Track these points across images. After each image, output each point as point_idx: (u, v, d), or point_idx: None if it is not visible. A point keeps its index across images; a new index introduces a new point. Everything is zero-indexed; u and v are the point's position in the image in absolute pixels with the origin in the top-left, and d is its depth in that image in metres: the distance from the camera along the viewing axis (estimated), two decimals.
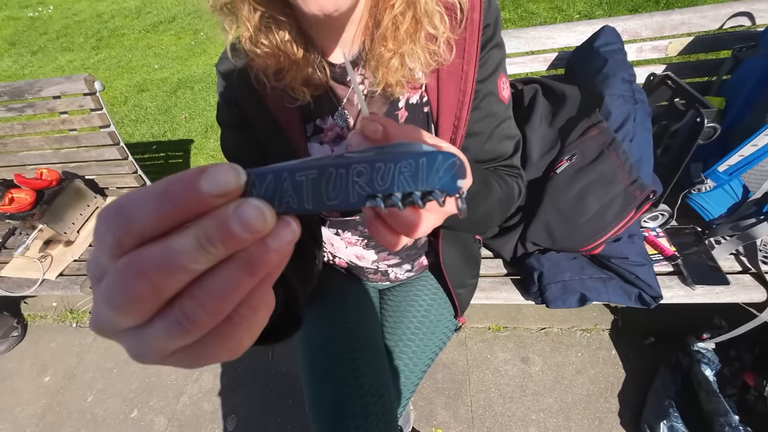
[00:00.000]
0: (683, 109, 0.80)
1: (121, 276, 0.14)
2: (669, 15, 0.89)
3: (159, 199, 0.14)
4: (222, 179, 0.14)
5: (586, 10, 2.65)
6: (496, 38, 0.48)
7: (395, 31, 0.41)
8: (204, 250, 0.14)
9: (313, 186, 0.16)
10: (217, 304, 0.14)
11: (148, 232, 0.14)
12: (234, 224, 0.14)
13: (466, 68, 0.45)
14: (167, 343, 0.15)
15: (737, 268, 0.86)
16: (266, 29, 0.42)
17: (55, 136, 1.30)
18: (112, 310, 0.14)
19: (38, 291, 1.15)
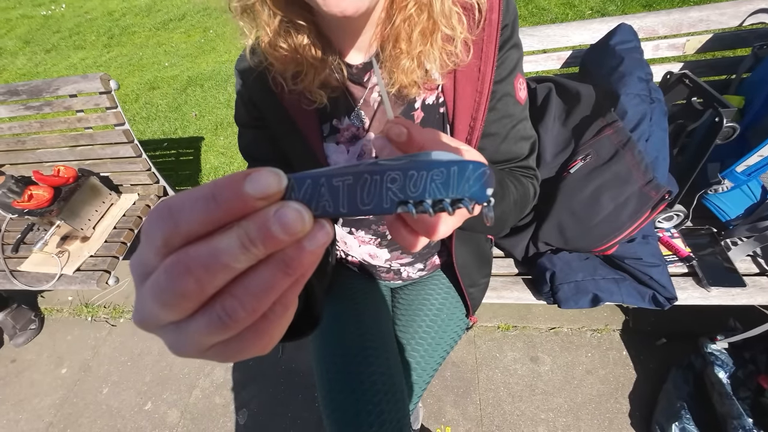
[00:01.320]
0: (701, 108, 0.78)
1: (169, 273, 0.14)
2: (687, 12, 0.87)
3: (206, 200, 0.14)
4: (264, 183, 0.15)
5: (598, 6, 2.60)
6: (514, 38, 0.47)
7: (409, 32, 0.41)
8: (246, 250, 0.14)
9: (349, 191, 0.16)
10: (256, 302, 0.15)
11: (194, 233, 0.15)
12: (274, 226, 0.14)
13: (483, 69, 0.45)
14: (207, 338, 0.15)
15: (754, 269, 0.84)
16: (285, 33, 0.42)
17: (71, 134, 1.33)
18: (159, 305, 0.15)
19: (56, 285, 1.18)
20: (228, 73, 2.95)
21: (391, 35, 0.42)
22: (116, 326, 1.54)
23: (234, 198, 0.14)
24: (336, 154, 0.54)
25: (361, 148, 0.53)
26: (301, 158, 0.54)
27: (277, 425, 1.18)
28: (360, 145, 0.53)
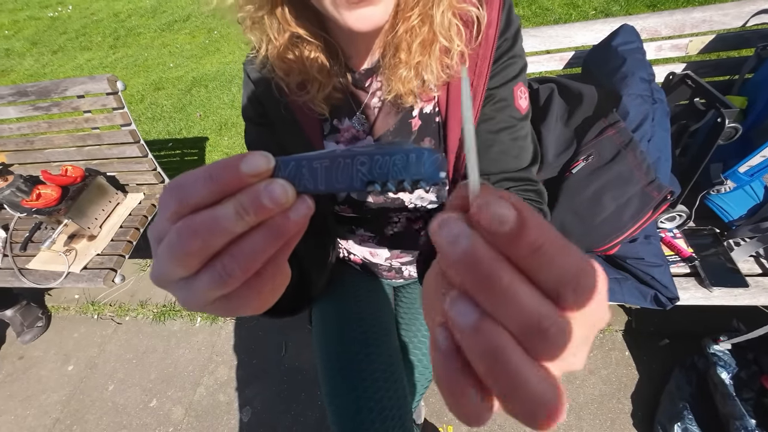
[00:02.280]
0: (703, 109, 0.79)
1: (179, 234, 0.17)
2: (690, 13, 0.87)
3: (209, 177, 0.17)
4: (256, 163, 0.18)
5: (602, 6, 2.60)
6: (514, 50, 0.47)
7: (410, 42, 0.42)
8: (240, 217, 0.17)
9: (326, 172, 0.19)
10: (249, 261, 0.18)
11: (200, 204, 0.18)
12: (264, 198, 0.17)
13: (476, 83, 0.46)
14: (210, 293, 0.18)
15: (757, 270, 0.84)
16: (293, 46, 0.44)
17: (78, 134, 1.35)
18: (171, 262, 0.18)
19: (63, 283, 1.19)
20: (232, 74, 2.97)
21: (392, 44, 0.43)
22: (122, 324, 1.55)
23: (232, 175, 0.17)
24: None
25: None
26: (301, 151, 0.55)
27: (281, 423, 1.19)
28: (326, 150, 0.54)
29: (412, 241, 0.65)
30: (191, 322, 1.50)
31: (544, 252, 0.13)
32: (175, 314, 1.53)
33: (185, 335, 1.47)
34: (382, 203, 0.58)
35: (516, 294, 0.13)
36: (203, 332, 1.46)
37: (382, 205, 0.58)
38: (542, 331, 0.13)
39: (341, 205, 0.60)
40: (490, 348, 0.13)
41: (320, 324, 0.69)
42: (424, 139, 0.52)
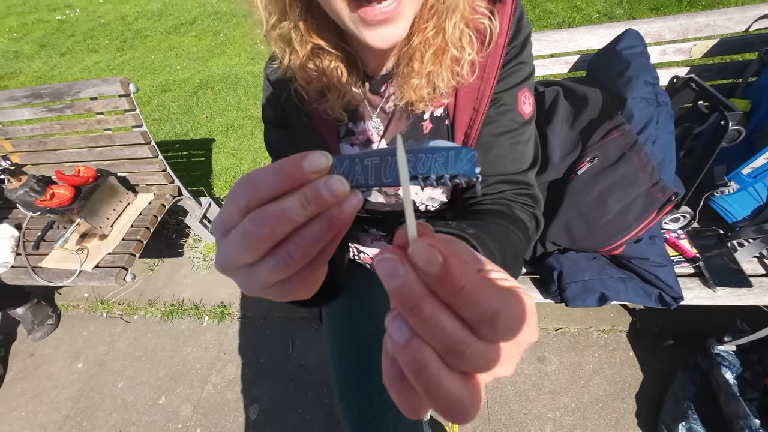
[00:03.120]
0: (707, 112, 0.80)
1: (252, 223, 0.20)
2: (693, 17, 0.89)
3: (276, 173, 0.20)
4: (317, 161, 0.20)
5: (605, 9, 2.62)
6: (522, 57, 0.49)
7: (423, 52, 0.44)
8: (304, 208, 0.19)
9: (375, 169, 0.21)
10: (309, 247, 0.20)
11: (267, 197, 0.20)
12: (324, 191, 0.19)
13: (482, 89, 0.48)
14: (271, 277, 0.21)
15: (761, 270, 0.85)
16: (314, 56, 0.46)
17: (90, 135, 1.37)
18: (242, 248, 0.20)
19: (75, 281, 1.22)
20: (238, 76, 3.00)
21: (406, 54, 0.45)
22: (130, 322, 1.57)
23: (296, 172, 0.20)
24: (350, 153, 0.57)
25: None
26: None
27: (288, 421, 1.21)
28: (374, 147, 0.56)
29: None
30: (199, 320, 1.52)
31: (466, 293, 0.16)
32: (182, 313, 1.55)
33: (193, 334, 1.49)
34: (394, 204, 0.59)
35: (437, 323, 0.16)
36: (211, 331, 1.48)
37: (394, 206, 0.60)
38: (458, 352, 0.16)
39: None
40: (414, 360, 0.17)
41: (331, 321, 0.70)
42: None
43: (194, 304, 1.57)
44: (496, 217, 0.48)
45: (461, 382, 0.17)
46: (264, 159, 2.20)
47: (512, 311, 0.17)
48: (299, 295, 0.24)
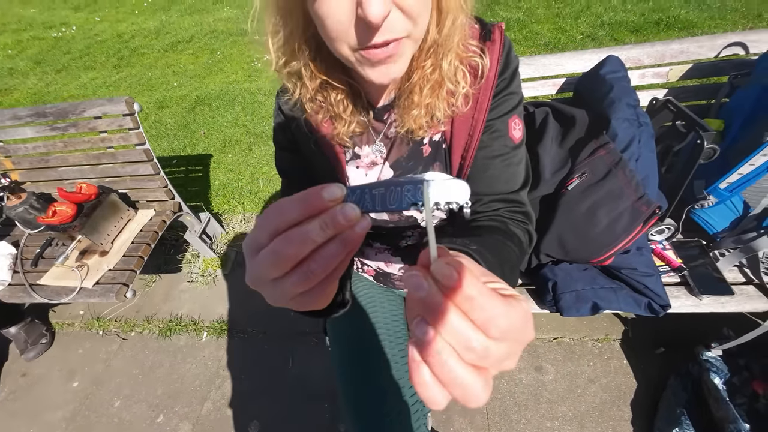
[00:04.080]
0: (684, 131, 0.86)
1: (280, 244, 0.24)
2: (669, 44, 0.96)
3: (300, 202, 0.24)
4: (334, 192, 0.24)
5: (588, 30, 2.76)
6: (512, 87, 0.54)
7: (422, 86, 0.49)
8: (323, 231, 0.23)
9: (381, 197, 0.26)
10: (327, 264, 0.24)
11: (293, 222, 0.24)
12: (339, 216, 0.24)
13: (476, 117, 0.52)
14: (294, 289, 0.25)
15: (741, 279, 0.90)
16: (323, 89, 0.51)
17: (94, 153, 1.40)
18: (271, 266, 0.24)
19: (75, 298, 1.22)
20: (235, 93, 3.06)
21: (407, 88, 0.50)
22: (127, 340, 1.56)
23: (317, 201, 0.24)
24: (356, 176, 0.61)
25: (378, 173, 0.60)
26: (326, 179, 0.61)
27: None
28: (377, 170, 0.61)
29: None
30: (197, 336, 1.52)
31: (475, 301, 0.20)
32: (181, 329, 1.55)
33: (191, 350, 1.48)
34: (398, 221, 0.63)
35: (453, 325, 0.20)
36: (210, 347, 1.48)
37: (397, 222, 0.63)
38: (471, 348, 0.20)
39: None
40: (436, 355, 0.21)
41: (337, 333, 0.73)
42: (433, 164, 0.58)
43: (192, 320, 1.57)
44: (493, 232, 0.52)
45: (475, 373, 0.21)
46: (261, 174, 2.23)
47: (513, 315, 0.21)
48: (317, 305, 0.28)
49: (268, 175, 2.20)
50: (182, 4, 5.35)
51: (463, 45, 0.48)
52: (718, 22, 2.54)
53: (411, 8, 0.36)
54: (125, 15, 5.48)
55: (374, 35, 0.36)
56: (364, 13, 0.34)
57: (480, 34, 0.51)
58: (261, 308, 1.56)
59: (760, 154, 0.81)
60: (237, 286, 1.67)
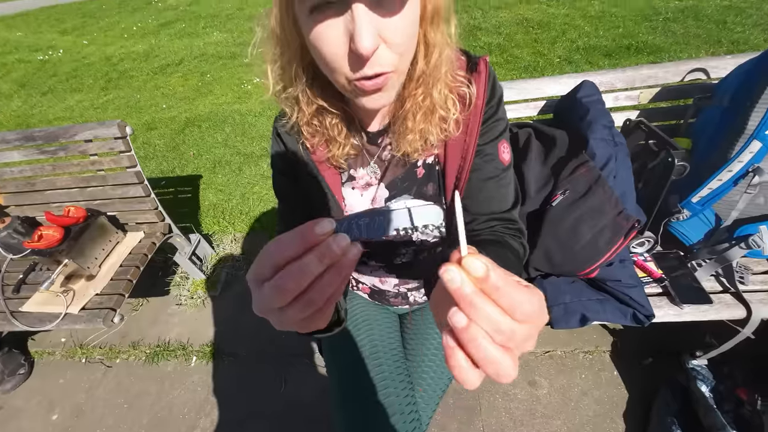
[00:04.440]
0: (657, 150, 0.92)
1: (282, 279, 0.26)
2: (638, 70, 1.04)
3: (297, 237, 0.27)
4: (325, 226, 0.27)
5: (565, 54, 2.91)
6: (499, 114, 0.58)
7: (415, 113, 0.52)
8: (320, 262, 0.26)
9: (366, 226, 0.32)
10: (325, 291, 0.27)
11: (292, 256, 0.27)
12: (333, 246, 0.27)
13: (468, 141, 0.56)
14: (298, 315, 0.28)
15: (718, 288, 0.95)
16: (318, 114, 0.54)
17: (83, 176, 1.39)
18: (276, 297, 0.26)
19: (60, 325, 1.18)
20: (225, 114, 3.09)
21: (401, 115, 0.53)
22: (112, 367, 1.51)
23: (311, 235, 0.27)
24: (352, 197, 0.63)
25: (373, 193, 0.63)
26: (323, 200, 0.63)
27: None
28: (372, 191, 0.63)
29: (417, 269, 0.72)
30: (186, 361, 1.48)
31: (501, 290, 0.23)
32: (168, 355, 1.50)
33: (180, 376, 1.44)
34: (393, 238, 0.65)
35: (485, 311, 0.23)
36: (199, 372, 1.44)
37: (392, 240, 0.65)
38: (501, 331, 0.23)
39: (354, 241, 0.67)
40: (472, 338, 0.24)
41: (334, 350, 0.73)
42: (427, 184, 0.61)
43: (181, 345, 1.53)
44: (493, 245, 0.56)
45: (504, 353, 0.24)
46: (252, 194, 2.23)
47: (534, 300, 0.24)
48: (319, 326, 0.31)
49: (258, 194, 2.21)
50: (172, 28, 5.44)
51: (452, 75, 0.52)
52: (682, 46, 2.72)
53: (397, 44, 0.40)
54: (114, 39, 5.52)
55: (365, 66, 0.40)
56: (355, 47, 0.37)
57: (467, 66, 0.55)
58: (252, 330, 1.53)
59: (726, 170, 0.87)
60: (227, 307, 1.65)
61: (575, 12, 3.51)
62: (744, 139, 0.85)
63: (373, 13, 0.37)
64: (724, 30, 2.80)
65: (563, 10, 3.60)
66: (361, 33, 0.36)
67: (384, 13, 0.37)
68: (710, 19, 2.95)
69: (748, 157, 0.85)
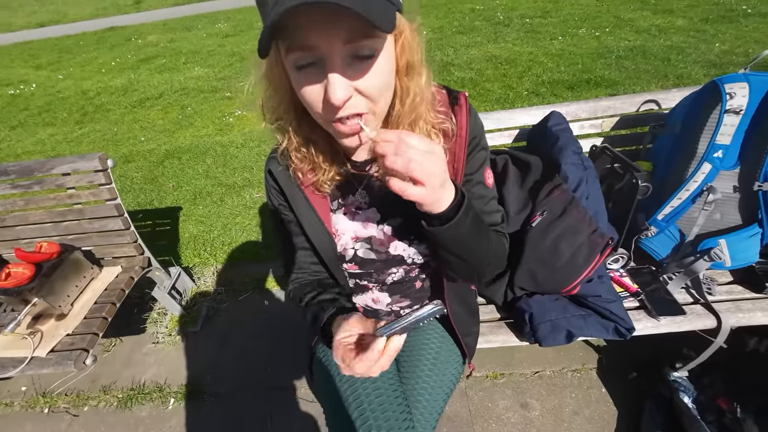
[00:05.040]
0: (622, 172, 1.00)
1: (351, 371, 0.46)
2: (599, 102, 1.15)
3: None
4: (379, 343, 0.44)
5: (533, 87, 3.14)
6: (482, 144, 0.64)
7: None
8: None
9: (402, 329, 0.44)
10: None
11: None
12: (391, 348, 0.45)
13: (456, 167, 0.61)
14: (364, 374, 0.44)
15: (689, 299, 1.01)
16: (306, 143, 0.58)
17: (58, 210, 1.34)
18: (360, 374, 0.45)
19: (25, 370, 1.09)
20: (206, 146, 3.09)
21: None
22: (79, 416, 1.39)
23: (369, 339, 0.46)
24: (342, 221, 0.67)
25: (364, 216, 0.66)
26: (315, 228, 0.65)
27: None
28: (362, 215, 0.66)
29: (409, 286, 0.74)
30: (163, 405, 1.38)
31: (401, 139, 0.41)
32: (143, 398, 1.40)
33: (156, 421, 1.34)
34: (384, 258, 0.67)
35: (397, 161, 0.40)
36: (177, 415, 1.35)
37: (384, 260, 0.67)
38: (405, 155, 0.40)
39: (349, 263, 0.68)
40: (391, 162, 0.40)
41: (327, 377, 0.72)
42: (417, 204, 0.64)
43: (158, 386, 1.44)
44: None
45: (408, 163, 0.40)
46: (234, 225, 2.20)
47: (422, 142, 0.41)
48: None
49: (241, 224, 2.18)
50: (152, 63, 5.49)
51: (433, 113, 0.57)
52: (635, 80, 3.00)
53: (370, 93, 0.45)
54: (91, 73, 5.50)
55: (338, 112, 0.45)
56: (328, 98, 0.43)
57: (448, 100, 0.60)
58: (233, 366, 1.46)
59: (684, 189, 0.96)
60: (208, 344, 1.57)
61: (538, 50, 3.82)
62: (696, 161, 0.94)
63: (346, 71, 0.43)
64: (669, 66, 3.12)
65: (527, 48, 3.92)
66: (333, 89, 0.42)
67: (354, 72, 0.43)
68: (656, 56, 3.29)
69: (702, 177, 0.94)
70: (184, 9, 9.21)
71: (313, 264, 0.72)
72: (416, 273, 0.72)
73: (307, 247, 0.70)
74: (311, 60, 0.42)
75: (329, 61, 0.42)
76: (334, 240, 0.66)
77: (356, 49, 0.42)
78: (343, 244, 0.68)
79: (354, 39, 0.41)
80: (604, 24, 4.17)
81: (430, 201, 0.44)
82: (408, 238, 0.66)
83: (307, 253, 0.71)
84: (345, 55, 0.42)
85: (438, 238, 0.51)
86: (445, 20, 5.16)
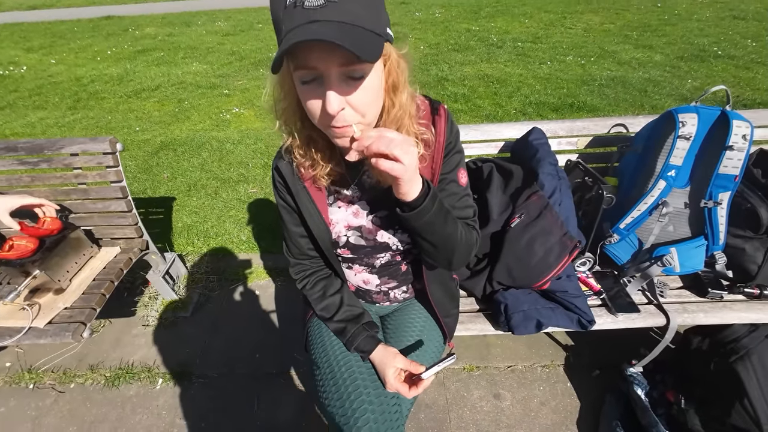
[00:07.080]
0: (591, 185, 1.14)
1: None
2: (575, 122, 1.29)
3: None
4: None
5: (520, 107, 3.33)
6: (457, 147, 0.74)
7: None
8: None
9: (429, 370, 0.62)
10: None
11: None
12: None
13: (434, 168, 0.71)
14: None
15: (644, 300, 1.14)
16: (308, 140, 0.67)
17: (62, 189, 1.38)
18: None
19: (21, 340, 1.13)
20: (203, 140, 3.13)
21: None
22: (65, 392, 1.41)
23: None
24: (337, 212, 0.77)
25: (356, 209, 0.76)
26: (314, 218, 0.74)
27: None
28: (356, 206, 0.76)
29: (396, 269, 0.84)
30: (151, 384, 1.42)
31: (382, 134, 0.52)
32: (131, 377, 1.44)
33: (143, 399, 1.37)
34: (373, 245, 0.77)
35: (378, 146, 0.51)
36: (165, 395, 1.38)
37: (372, 246, 0.77)
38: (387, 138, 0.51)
39: (342, 248, 0.78)
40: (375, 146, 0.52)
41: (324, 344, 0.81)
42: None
43: (146, 367, 1.47)
44: None
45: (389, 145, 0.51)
46: (228, 218, 2.25)
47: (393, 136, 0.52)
48: None
49: (235, 217, 2.24)
50: (149, 55, 5.49)
51: (416, 124, 0.67)
52: (614, 107, 3.23)
53: (359, 107, 0.55)
54: (85, 60, 5.46)
55: (333, 120, 0.55)
56: (324, 109, 0.53)
57: (430, 109, 0.71)
58: (224, 351, 1.52)
59: (642, 202, 1.09)
60: (198, 329, 1.62)
61: (528, 72, 4.05)
62: (653, 178, 1.08)
63: (341, 88, 0.52)
64: (646, 97, 3.37)
65: (518, 69, 4.14)
66: (329, 102, 0.51)
67: (348, 89, 0.53)
68: (635, 87, 3.55)
69: (658, 192, 1.08)
70: (182, 4, 9.23)
71: (310, 250, 0.81)
72: (400, 258, 0.82)
73: (306, 235, 0.79)
74: (313, 77, 0.51)
75: (327, 79, 0.51)
76: (329, 228, 0.76)
77: (349, 71, 0.51)
78: (338, 232, 0.77)
79: (347, 63, 0.50)
80: (590, 53, 4.46)
81: (408, 177, 0.53)
82: (393, 227, 0.75)
83: (306, 241, 0.80)
84: (340, 75, 0.51)
85: (410, 224, 0.61)
86: (442, 37, 5.39)
